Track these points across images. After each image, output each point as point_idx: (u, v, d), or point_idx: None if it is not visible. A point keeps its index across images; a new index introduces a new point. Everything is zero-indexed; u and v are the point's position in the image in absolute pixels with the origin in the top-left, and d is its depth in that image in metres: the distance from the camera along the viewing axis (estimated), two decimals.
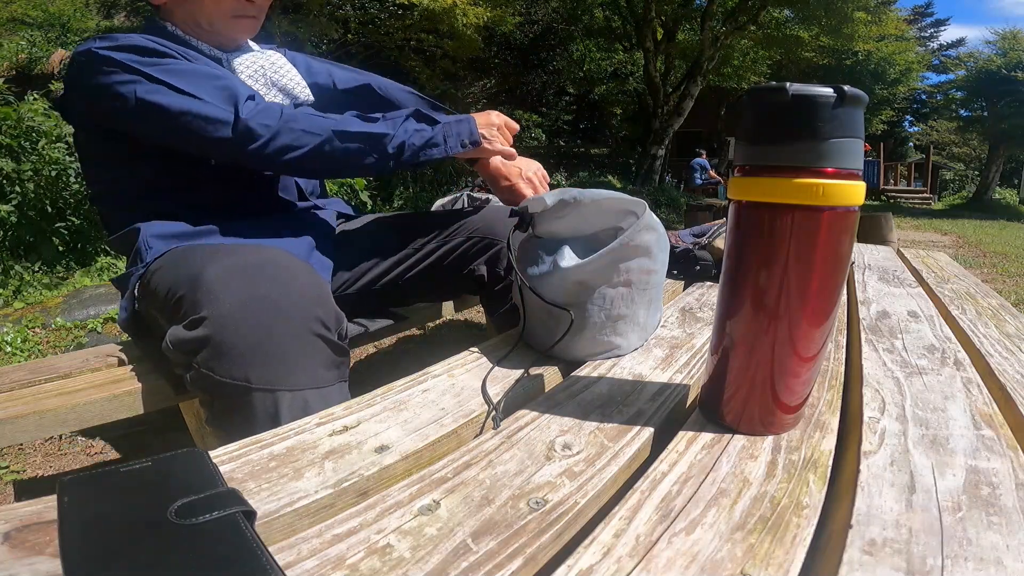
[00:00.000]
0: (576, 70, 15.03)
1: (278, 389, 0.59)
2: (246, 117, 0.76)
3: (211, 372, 0.59)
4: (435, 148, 0.84)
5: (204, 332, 0.59)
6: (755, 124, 0.44)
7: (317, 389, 0.61)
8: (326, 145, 0.79)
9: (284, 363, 0.59)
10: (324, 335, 0.63)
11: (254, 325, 0.59)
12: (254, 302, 0.60)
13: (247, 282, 0.62)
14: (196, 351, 0.60)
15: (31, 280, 2.79)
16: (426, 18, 7.46)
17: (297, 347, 0.61)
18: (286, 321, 0.61)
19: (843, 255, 0.44)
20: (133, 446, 1.44)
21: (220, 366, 0.59)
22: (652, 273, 0.66)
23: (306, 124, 0.78)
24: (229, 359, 0.58)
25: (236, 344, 0.58)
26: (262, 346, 0.59)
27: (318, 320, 0.63)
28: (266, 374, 0.59)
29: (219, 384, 0.59)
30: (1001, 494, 0.39)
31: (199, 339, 0.59)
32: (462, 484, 0.40)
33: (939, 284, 1.20)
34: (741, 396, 0.47)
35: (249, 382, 0.58)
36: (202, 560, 0.27)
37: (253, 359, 0.58)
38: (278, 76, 0.94)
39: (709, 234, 1.25)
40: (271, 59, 0.95)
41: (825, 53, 12.51)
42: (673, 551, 0.33)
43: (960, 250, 5.92)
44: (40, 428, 0.68)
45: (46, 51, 6.89)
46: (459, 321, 2.53)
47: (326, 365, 0.63)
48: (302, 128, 0.78)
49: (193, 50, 0.85)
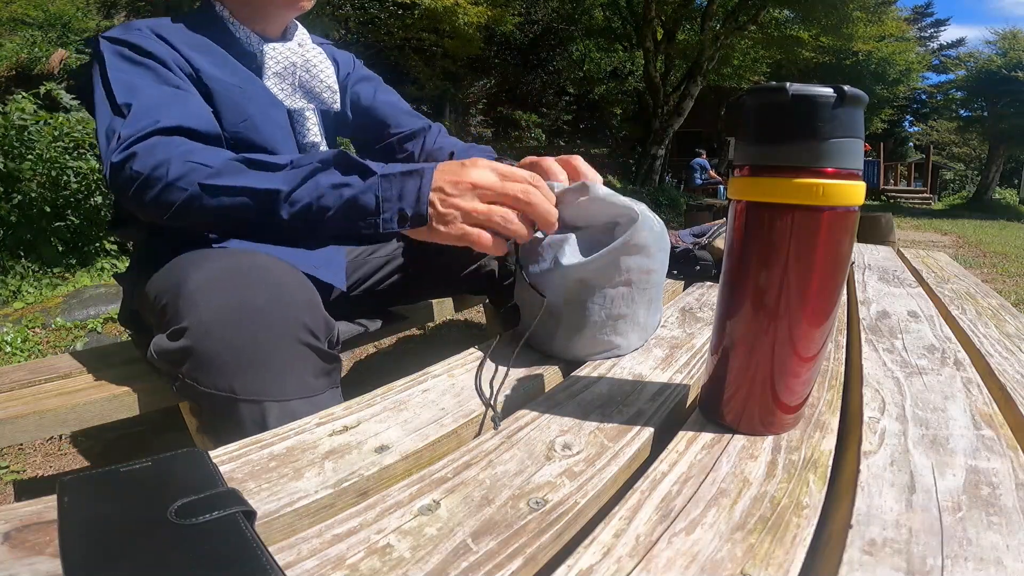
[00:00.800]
0: (576, 70, 15.03)
1: (265, 400, 0.57)
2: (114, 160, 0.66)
3: (196, 383, 0.57)
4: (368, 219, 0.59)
5: (186, 343, 0.57)
6: (755, 124, 0.44)
7: (306, 398, 0.59)
8: (195, 203, 0.63)
9: (270, 372, 0.57)
10: (311, 343, 0.61)
11: (237, 334, 0.57)
12: (236, 309, 0.58)
13: (230, 289, 0.60)
14: (180, 361, 0.58)
15: (31, 280, 2.79)
16: (427, 17, 7.46)
17: (283, 356, 0.58)
18: (271, 329, 0.58)
19: (843, 255, 0.44)
20: (133, 446, 1.44)
21: (204, 377, 0.57)
22: (651, 272, 0.66)
23: (180, 170, 0.63)
24: (213, 369, 0.56)
25: (219, 354, 0.56)
26: (246, 355, 0.57)
27: (305, 328, 0.60)
28: (251, 384, 0.57)
29: (205, 395, 0.57)
30: (1001, 494, 0.39)
31: (181, 349, 0.57)
32: (462, 484, 0.40)
33: (939, 284, 1.20)
34: (741, 396, 0.47)
35: (234, 393, 0.56)
36: (202, 560, 0.27)
37: (237, 369, 0.56)
38: (308, 76, 0.89)
39: (709, 234, 1.25)
40: (307, 56, 0.90)
41: (825, 53, 12.51)
42: (673, 551, 0.33)
43: (960, 250, 5.92)
44: (40, 428, 0.68)
45: (46, 51, 6.88)
46: (459, 321, 2.53)
47: (315, 373, 0.61)
48: (176, 174, 0.63)
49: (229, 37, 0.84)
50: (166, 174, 0.63)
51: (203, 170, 0.63)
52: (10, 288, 2.65)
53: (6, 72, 6.12)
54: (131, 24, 0.80)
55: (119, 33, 0.78)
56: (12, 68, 6.27)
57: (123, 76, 0.74)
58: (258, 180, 0.61)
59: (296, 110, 0.89)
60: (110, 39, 0.77)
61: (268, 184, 0.61)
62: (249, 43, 0.86)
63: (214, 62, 0.82)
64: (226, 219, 0.64)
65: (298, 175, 0.61)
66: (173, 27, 0.82)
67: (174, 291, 0.61)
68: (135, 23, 0.80)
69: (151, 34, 0.79)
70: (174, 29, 0.82)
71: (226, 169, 0.63)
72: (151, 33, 0.79)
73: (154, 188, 0.64)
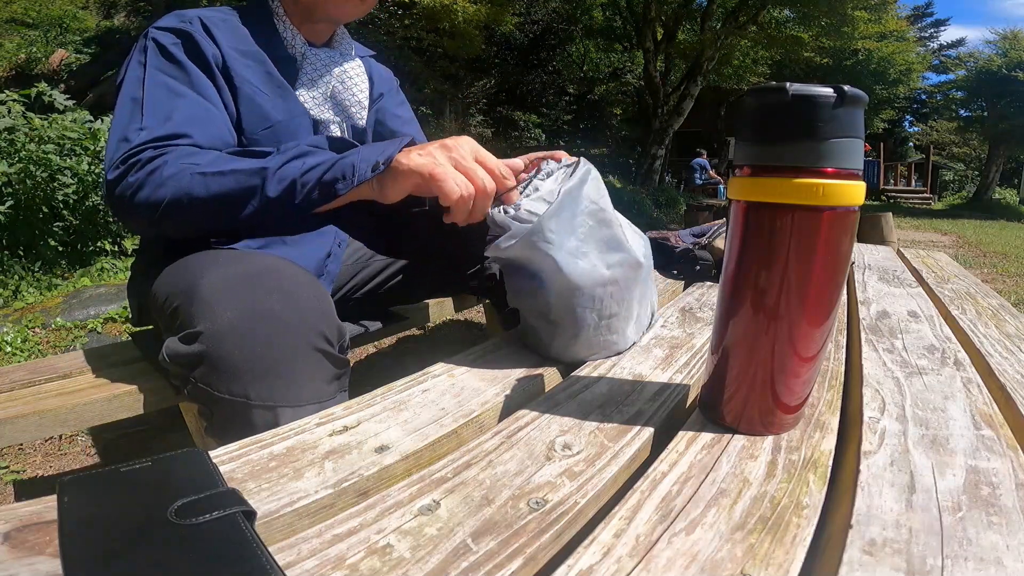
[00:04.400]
0: (576, 70, 15.04)
1: (279, 405, 0.57)
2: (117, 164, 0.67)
3: (209, 387, 0.57)
4: (340, 183, 0.64)
5: (200, 347, 0.57)
6: (755, 124, 0.44)
7: (318, 404, 0.59)
8: (184, 196, 0.65)
9: (285, 379, 0.57)
10: (326, 350, 0.60)
11: (253, 340, 0.57)
12: (253, 315, 0.58)
13: (246, 293, 0.59)
14: (193, 366, 0.57)
15: (30, 280, 2.78)
16: (425, 16, 7.46)
17: (299, 363, 0.58)
18: (287, 335, 0.58)
19: (843, 255, 0.44)
20: (133, 446, 1.44)
21: (218, 382, 0.56)
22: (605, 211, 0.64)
23: (172, 169, 0.66)
24: (228, 374, 0.56)
25: (235, 360, 0.56)
26: (263, 361, 0.57)
27: (321, 335, 0.60)
28: (266, 390, 0.56)
29: (218, 400, 0.57)
30: (1001, 494, 0.39)
31: (195, 354, 0.57)
32: (462, 484, 0.40)
33: (939, 284, 1.20)
34: (741, 396, 0.47)
35: (249, 399, 0.56)
36: (202, 560, 0.27)
37: (252, 375, 0.56)
38: (341, 88, 0.89)
39: (709, 234, 1.25)
40: (345, 67, 0.90)
41: (825, 53, 12.51)
42: (673, 551, 0.33)
43: (960, 250, 5.92)
44: (40, 428, 0.68)
45: (46, 51, 6.89)
46: (459, 321, 2.53)
47: (327, 379, 0.61)
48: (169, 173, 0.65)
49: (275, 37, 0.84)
50: (160, 174, 0.66)
51: (194, 167, 0.66)
52: (9, 288, 2.65)
53: (5, 72, 6.13)
54: (184, 14, 0.79)
55: (171, 22, 0.78)
56: (11, 68, 6.27)
57: (159, 78, 0.74)
58: (245, 163, 0.65)
59: (322, 121, 0.89)
60: (161, 28, 0.77)
61: (254, 164, 0.65)
62: (293, 46, 0.86)
63: (252, 65, 0.82)
64: (213, 212, 0.66)
65: (286, 155, 0.65)
66: (223, 21, 0.81)
67: (187, 293, 0.61)
68: (188, 13, 0.79)
69: (200, 28, 0.79)
70: (223, 24, 0.81)
71: (216, 160, 0.66)
72: (201, 27, 0.79)
73: (144, 190, 0.66)
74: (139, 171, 0.67)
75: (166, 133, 0.70)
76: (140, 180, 0.67)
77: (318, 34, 0.90)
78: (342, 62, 0.91)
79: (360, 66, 0.94)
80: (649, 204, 8.44)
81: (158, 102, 0.73)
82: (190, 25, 0.78)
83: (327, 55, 0.89)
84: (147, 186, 0.66)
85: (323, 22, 0.89)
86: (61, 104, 3.19)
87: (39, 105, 3.14)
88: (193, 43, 0.77)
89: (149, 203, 0.66)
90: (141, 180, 0.67)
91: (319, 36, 0.90)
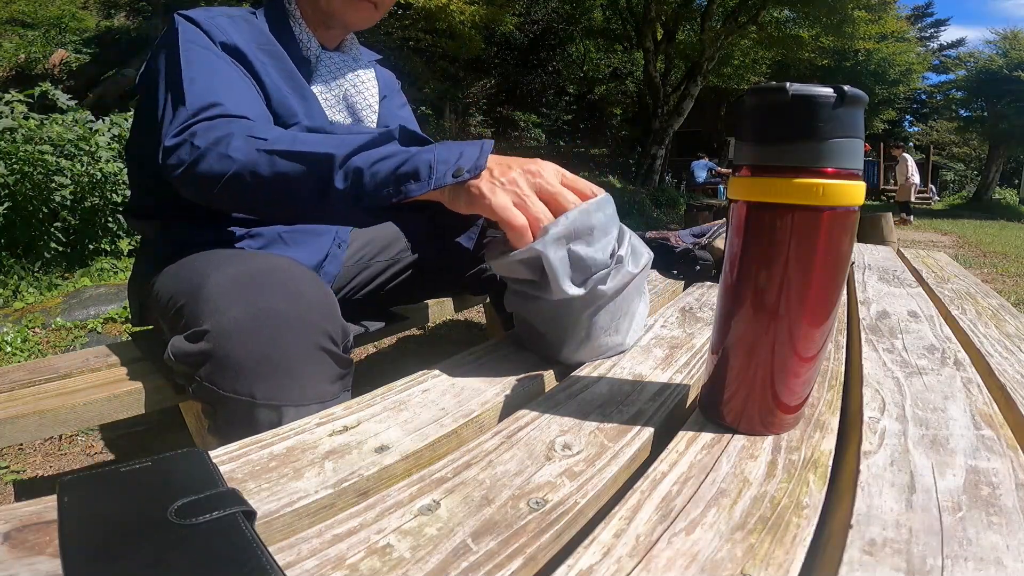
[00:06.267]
0: (576, 70, 15.04)
1: (284, 404, 0.57)
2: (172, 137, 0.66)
3: (214, 386, 0.57)
4: (413, 183, 0.55)
5: (206, 346, 0.57)
6: (755, 124, 0.44)
7: (322, 403, 0.59)
8: (247, 172, 0.61)
9: (290, 378, 0.58)
10: (331, 349, 0.61)
11: (259, 339, 0.57)
12: (259, 314, 0.58)
13: (252, 292, 0.60)
14: (199, 364, 0.58)
15: (30, 280, 2.78)
16: (424, 17, 7.46)
17: (304, 362, 0.59)
18: (293, 334, 0.58)
19: (843, 255, 0.44)
20: (133, 446, 1.44)
21: (224, 380, 0.57)
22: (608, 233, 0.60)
23: (239, 142, 0.63)
24: (233, 374, 0.56)
25: (241, 358, 0.56)
26: (268, 361, 0.57)
27: (326, 334, 0.60)
28: (271, 390, 0.57)
29: (223, 398, 0.57)
30: (1001, 494, 0.39)
31: (201, 352, 0.57)
32: (462, 484, 0.40)
33: (939, 284, 1.20)
34: (741, 396, 0.47)
35: (254, 397, 0.56)
36: (202, 560, 0.27)
37: (258, 374, 0.56)
38: (354, 91, 0.91)
39: (709, 234, 1.25)
40: (358, 71, 0.92)
41: (825, 53, 12.52)
42: (673, 551, 0.33)
43: (960, 250, 5.92)
44: (40, 428, 0.68)
45: (45, 51, 6.88)
46: (459, 321, 2.54)
47: (331, 379, 0.61)
48: (236, 146, 0.63)
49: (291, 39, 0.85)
50: (227, 146, 0.63)
51: (260, 142, 0.62)
52: (9, 288, 2.65)
53: (5, 73, 6.13)
54: (210, 10, 0.80)
55: (197, 16, 0.78)
56: (11, 69, 6.27)
57: (194, 56, 0.74)
58: (315, 144, 0.60)
59: (335, 123, 0.90)
60: (187, 18, 0.77)
61: (323, 148, 0.59)
62: (308, 49, 0.87)
63: (273, 63, 0.83)
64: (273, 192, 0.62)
65: (348, 141, 0.59)
66: (244, 21, 0.83)
67: (192, 292, 0.61)
68: (212, 10, 0.80)
69: (226, 25, 0.80)
70: (244, 22, 0.82)
71: (281, 137, 0.62)
72: (226, 24, 0.80)
73: (208, 159, 0.63)
74: (200, 139, 0.65)
75: (223, 103, 0.69)
76: (203, 149, 0.64)
77: (331, 39, 0.92)
78: (355, 67, 0.92)
79: (371, 71, 0.96)
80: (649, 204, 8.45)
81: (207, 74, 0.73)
82: (214, 22, 0.79)
83: (340, 59, 0.91)
84: (209, 156, 0.63)
85: (337, 28, 0.90)
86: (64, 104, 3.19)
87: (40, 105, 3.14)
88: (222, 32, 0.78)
89: (212, 174, 0.63)
90: (204, 149, 0.64)
91: (331, 41, 0.92)
